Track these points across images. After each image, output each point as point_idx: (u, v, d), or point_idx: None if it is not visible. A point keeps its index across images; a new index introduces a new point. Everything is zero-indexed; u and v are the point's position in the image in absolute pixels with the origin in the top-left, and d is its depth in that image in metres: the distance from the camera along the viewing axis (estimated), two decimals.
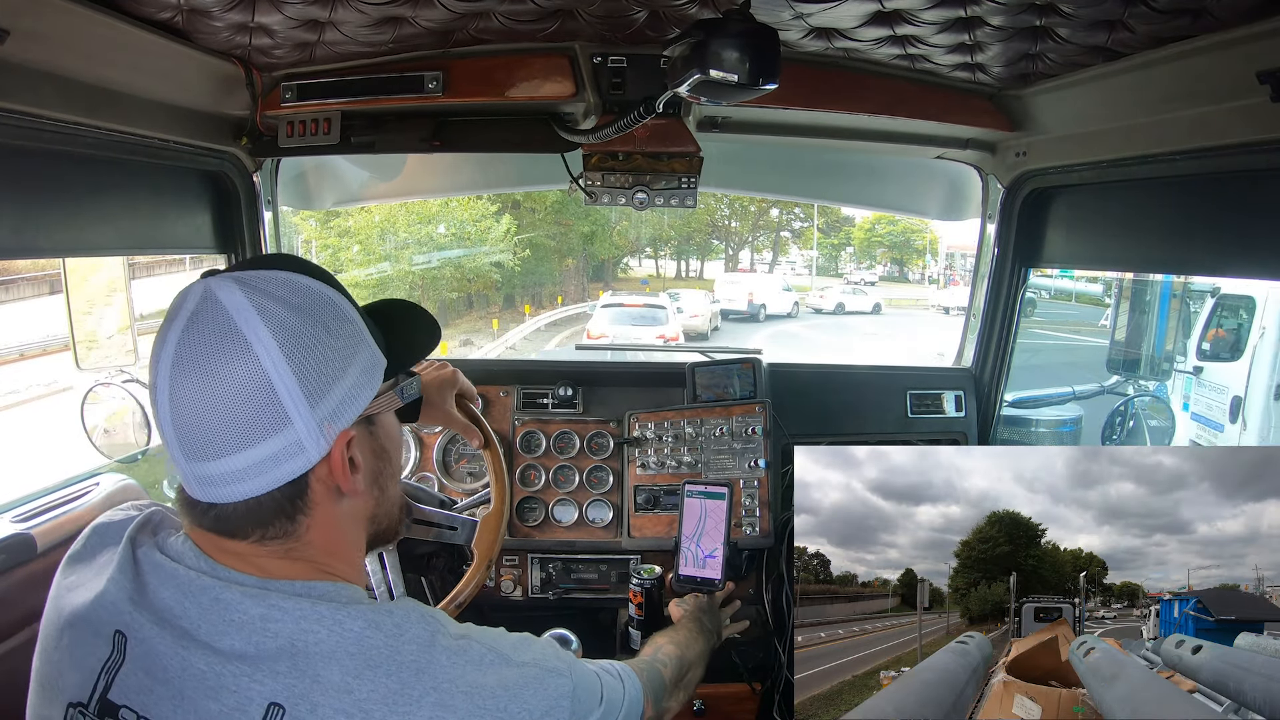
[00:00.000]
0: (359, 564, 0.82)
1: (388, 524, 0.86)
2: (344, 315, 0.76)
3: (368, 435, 0.78)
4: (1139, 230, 1.63)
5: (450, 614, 1.40)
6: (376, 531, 0.84)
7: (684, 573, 1.72)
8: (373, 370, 0.77)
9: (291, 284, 0.74)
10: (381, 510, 0.83)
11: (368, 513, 0.81)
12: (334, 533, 0.77)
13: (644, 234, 20.05)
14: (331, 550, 0.77)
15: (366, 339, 0.78)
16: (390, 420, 0.83)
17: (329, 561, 0.76)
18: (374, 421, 0.79)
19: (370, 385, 0.77)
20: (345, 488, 0.75)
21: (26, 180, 1.28)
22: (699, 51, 1.07)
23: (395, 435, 0.85)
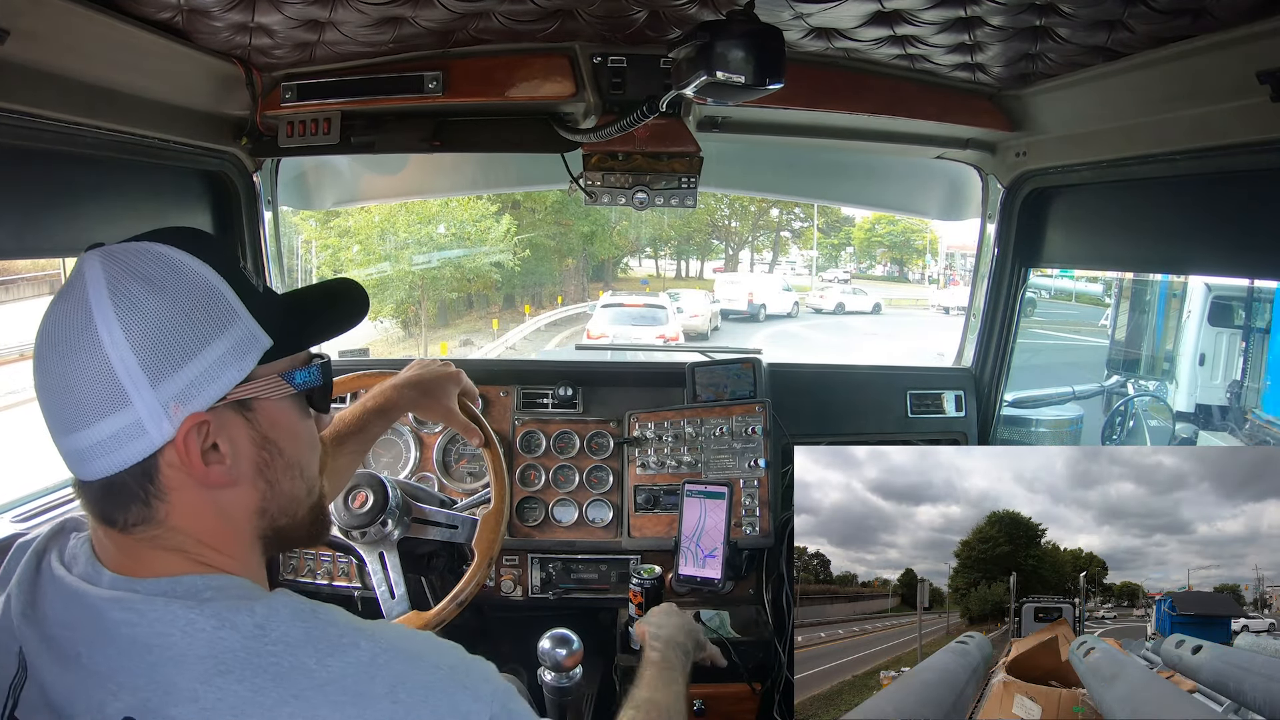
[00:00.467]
0: (249, 558, 0.75)
1: (288, 523, 0.78)
2: (210, 293, 0.71)
3: (243, 421, 0.72)
4: (1139, 230, 1.63)
5: (452, 612, 1.41)
6: (275, 529, 0.77)
7: (684, 572, 1.72)
8: (244, 350, 0.71)
9: (158, 258, 0.70)
10: (273, 505, 0.76)
11: (253, 506, 0.75)
12: (205, 522, 0.71)
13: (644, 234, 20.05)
14: (206, 541, 0.71)
15: (240, 317, 0.72)
16: (280, 408, 0.75)
17: (203, 552, 0.71)
18: (251, 407, 0.73)
19: (238, 365, 0.71)
20: (197, 476, 0.69)
21: (26, 180, 1.28)
22: (705, 53, 1.07)
23: (289, 424, 0.76)
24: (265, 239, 1.92)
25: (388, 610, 1.44)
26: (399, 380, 1.39)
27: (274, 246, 1.97)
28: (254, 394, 0.73)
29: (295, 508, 0.78)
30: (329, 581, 1.84)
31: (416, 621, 1.41)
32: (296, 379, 0.77)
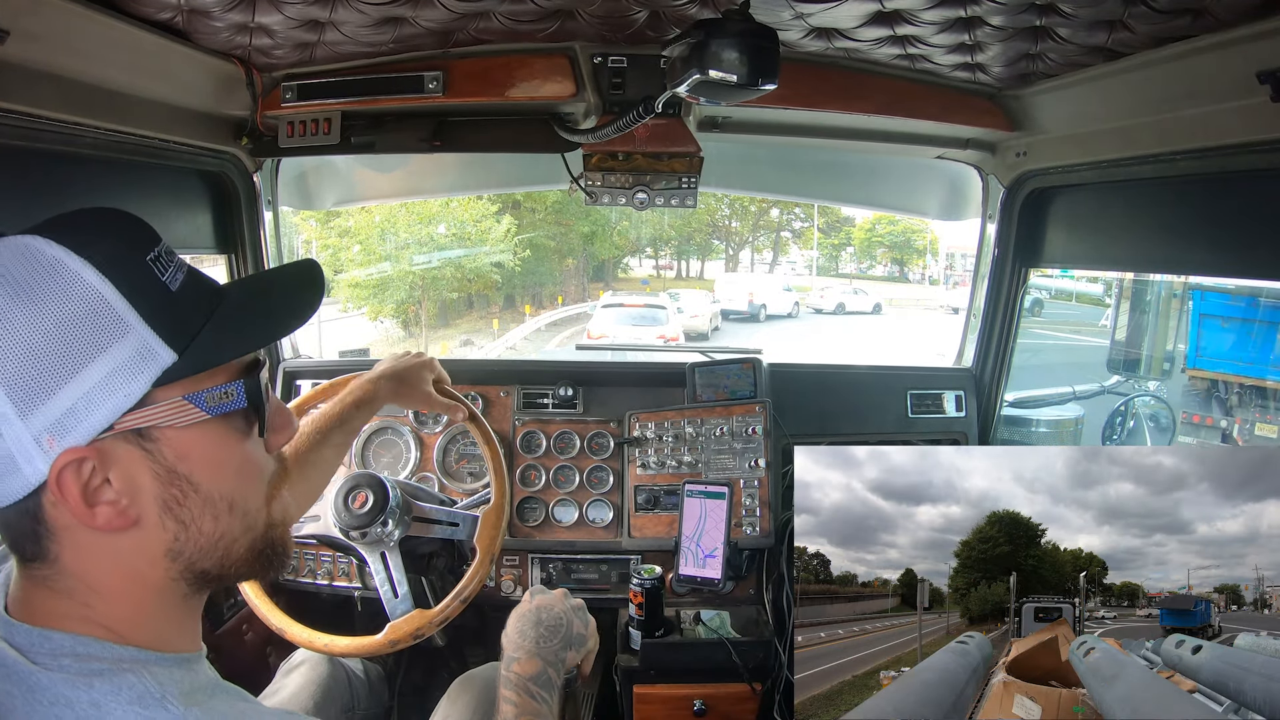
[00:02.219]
0: (156, 610, 0.65)
1: (214, 566, 0.67)
2: (89, 299, 0.59)
3: (141, 455, 0.61)
4: (1139, 230, 1.63)
5: (456, 609, 1.41)
6: (198, 573, 0.66)
7: (684, 573, 1.72)
8: (135, 370, 0.60)
9: (30, 258, 0.58)
10: (189, 548, 0.64)
11: (160, 549, 0.63)
12: (99, 571, 0.62)
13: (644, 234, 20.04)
14: (96, 588, 0.62)
15: (133, 329, 0.60)
16: (194, 436, 0.63)
17: (92, 602, 0.62)
18: (151, 437, 0.61)
19: (126, 390, 0.59)
20: (80, 519, 0.59)
21: (26, 180, 1.28)
22: (698, 52, 1.07)
23: (207, 454, 0.64)
24: (265, 239, 1.92)
25: (391, 609, 1.44)
26: (374, 374, 1.42)
27: (274, 247, 1.97)
28: (151, 421, 0.61)
29: (224, 548, 0.67)
30: (329, 582, 1.84)
31: (421, 620, 1.41)
32: (206, 402, 0.63)
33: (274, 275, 0.77)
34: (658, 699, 1.66)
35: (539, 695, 1.03)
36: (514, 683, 1.03)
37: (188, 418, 0.63)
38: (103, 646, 0.61)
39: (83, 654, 0.60)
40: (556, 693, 1.06)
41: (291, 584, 1.86)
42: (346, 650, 1.42)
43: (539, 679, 1.04)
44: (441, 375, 1.52)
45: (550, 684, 1.05)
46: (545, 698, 1.03)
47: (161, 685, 0.60)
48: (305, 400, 1.56)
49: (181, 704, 0.60)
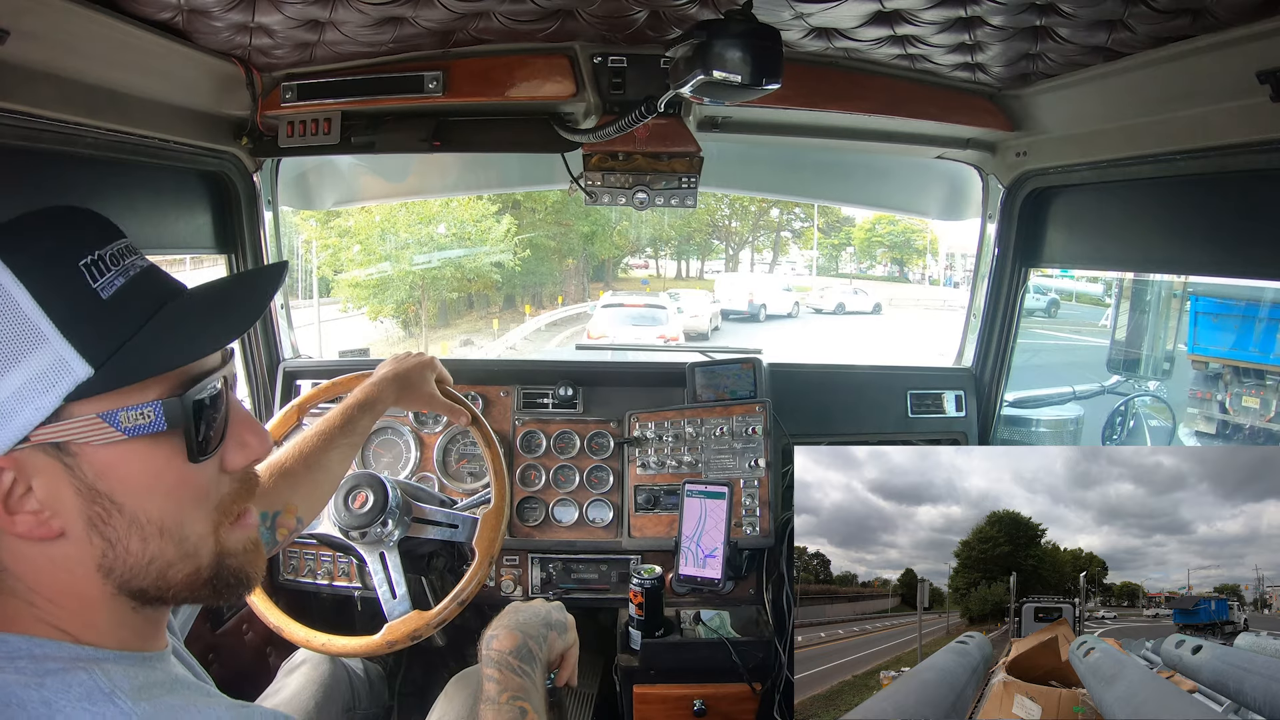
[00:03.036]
0: (103, 616, 0.63)
1: (149, 585, 0.64)
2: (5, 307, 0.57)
3: (61, 468, 0.59)
4: (1139, 230, 1.63)
5: (453, 611, 1.41)
6: (132, 590, 0.63)
7: (684, 572, 1.72)
8: (49, 383, 0.57)
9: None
10: (120, 566, 0.62)
11: (91, 563, 0.62)
12: (36, 574, 0.61)
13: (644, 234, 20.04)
14: (39, 591, 0.62)
15: (49, 340, 0.57)
16: (115, 455, 0.60)
17: (38, 603, 0.62)
18: (69, 451, 0.59)
19: (38, 402, 0.57)
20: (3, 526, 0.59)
21: (26, 180, 1.28)
22: (702, 52, 1.07)
23: (132, 476, 0.61)
24: (265, 239, 1.92)
25: (389, 610, 1.44)
26: (377, 377, 1.42)
27: (274, 247, 1.97)
28: (66, 437, 0.59)
29: (157, 571, 0.64)
30: (329, 582, 1.84)
31: (419, 621, 1.41)
32: (122, 421, 0.60)
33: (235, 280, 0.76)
34: (658, 699, 1.66)
35: (519, 669, 1.00)
36: (494, 659, 1.00)
37: (102, 436, 0.60)
38: (59, 647, 0.61)
39: (39, 655, 0.59)
40: (539, 667, 1.02)
41: (291, 584, 1.86)
42: (344, 650, 1.43)
43: (519, 651, 1.01)
44: (444, 375, 1.52)
45: (531, 657, 1.01)
46: (527, 670, 1.00)
47: (111, 680, 0.59)
48: (306, 400, 1.56)
49: (130, 699, 0.59)
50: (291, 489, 1.22)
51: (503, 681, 0.98)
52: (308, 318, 10.76)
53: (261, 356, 1.99)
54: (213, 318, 0.66)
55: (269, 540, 1.18)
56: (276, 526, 1.19)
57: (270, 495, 1.19)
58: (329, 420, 1.31)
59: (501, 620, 1.06)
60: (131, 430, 0.60)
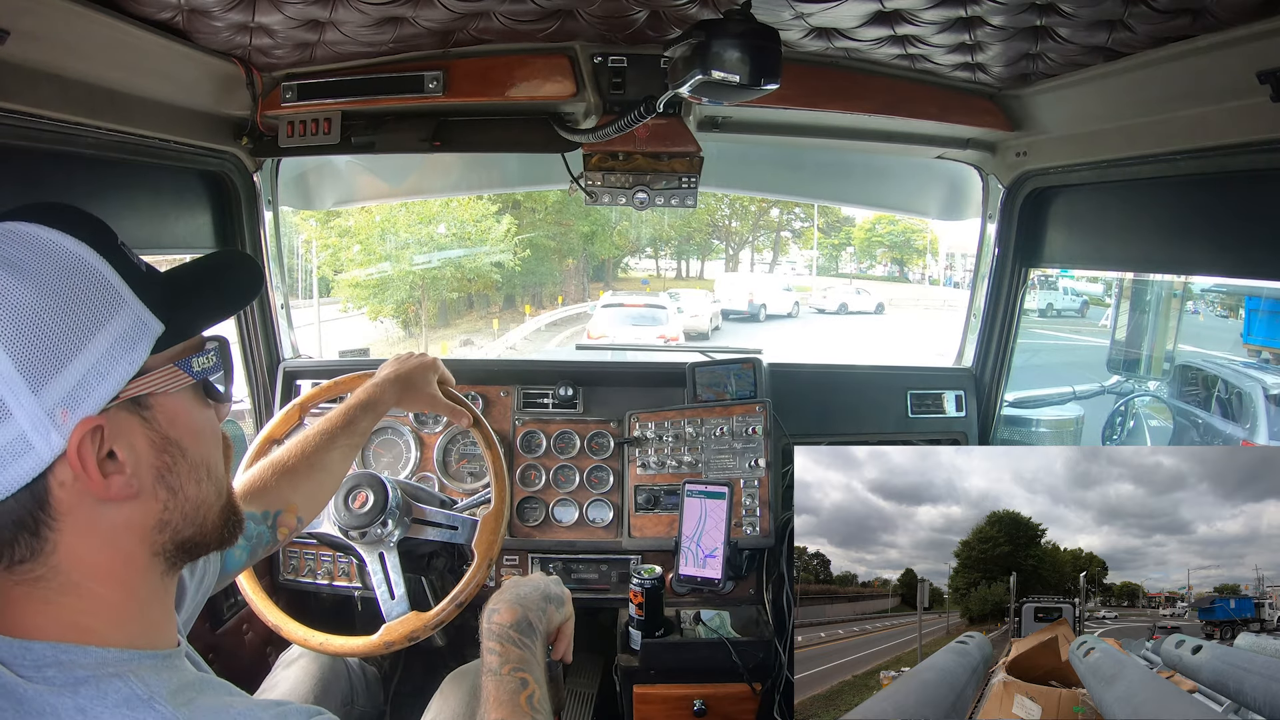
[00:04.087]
0: (135, 596, 0.66)
1: (194, 533, 0.69)
2: (86, 272, 0.62)
3: (139, 422, 0.64)
4: (1139, 230, 1.63)
5: (451, 613, 1.41)
6: (178, 543, 0.68)
7: (684, 572, 1.72)
8: (133, 340, 0.63)
9: (23, 240, 0.61)
10: (176, 515, 0.67)
11: (152, 520, 0.66)
12: (94, 554, 0.63)
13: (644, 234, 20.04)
14: (89, 575, 0.63)
15: (126, 301, 0.63)
16: (179, 402, 0.67)
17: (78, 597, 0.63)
18: (147, 405, 0.64)
19: (129, 358, 0.62)
20: (96, 490, 0.61)
21: (26, 180, 1.28)
22: (700, 52, 1.07)
23: (191, 421, 0.68)
24: (265, 239, 1.92)
25: (387, 611, 1.44)
26: (379, 378, 1.41)
27: (274, 246, 1.97)
28: (149, 389, 0.64)
29: (204, 514, 0.70)
30: (329, 582, 1.84)
31: (417, 622, 1.41)
32: (194, 366, 0.68)
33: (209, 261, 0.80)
34: (658, 699, 1.66)
35: (520, 641, 0.99)
36: (495, 633, 0.99)
37: (178, 383, 0.67)
38: (84, 652, 0.61)
39: (66, 661, 0.60)
40: (539, 640, 1.02)
41: (291, 583, 1.86)
42: (342, 650, 1.43)
43: (519, 625, 1.01)
44: (445, 376, 1.51)
45: (532, 630, 1.01)
46: (528, 644, 1.00)
47: (148, 686, 0.60)
48: (306, 399, 1.56)
49: (170, 704, 0.60)
50: (293, 488, 1.22)
51: (504, 654, 0.98)
52: (308, 318, 10.77)
53: (261, 356, 1.99)
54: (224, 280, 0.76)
55: (270, 539, 1.18)
56: (277, 525, 1.19)
57: (271, 494, 1.19)
58: (330, 420, 1.31)
59: (502, 595, 1.06)
60: (199, 373, 0.68)
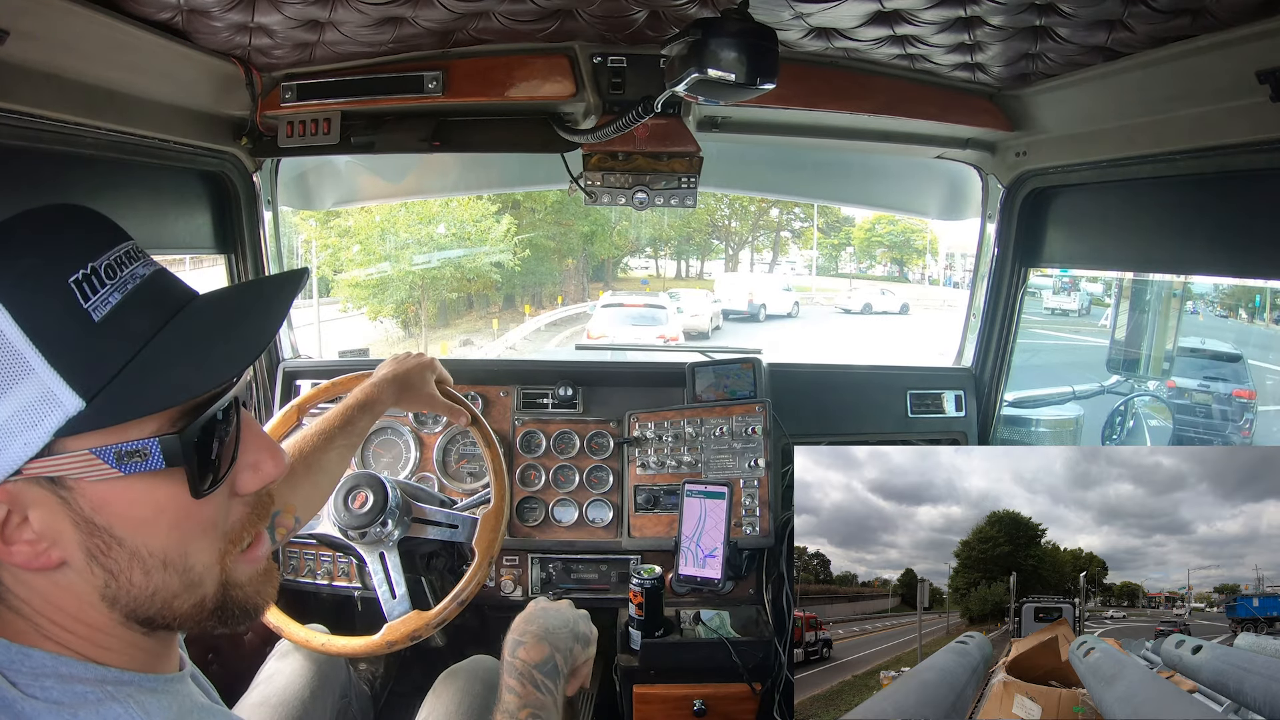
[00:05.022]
0: (114, 640, 0.61)
1: (154, 614, 0.61)
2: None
3: (56, 500, 0.56)
4: (1139, 230, 1.63)
5: (453, 612, 1.41)
6: (139, 619, 0.61)
7: (684, 572, 1.72)
8: (37, 415, 0.53)
9: None
10: (126, 598, 0.59)
11: (94, 593, 0.59)
12: (40, 599, 0.59)
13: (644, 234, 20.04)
14: (46, 615, 0.59)
15: (34, 369, 0.53)
16: (113, 490, 0.56)
17: (45, 625, 0.59)
18: (65, 485, 0.55)
19: (26, 437, 0.53)
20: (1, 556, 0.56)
21: (26, 180, 1.28)
22: (697, 50, 1.07)
23: (127, 509, 0.57)
24: (265, 239, 1.92)
25: (389, 610, 1.44)
26: (376, 378, 1.41)
27: (274, 247, 1.97)
28: (59, 472, 0.55)
29: (162, 602, 0.61)
30: (329, 582, 1.84)
31: (418, 621, 1.41)
32: (114, 459, 0.55)
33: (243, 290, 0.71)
34: (658, 699, 1.66)
35: (544, 685, 0.95)
36: (518, 669, 0.96)
37: (97, 473, 0.55)
38: (84, 667, 0.59)
39: (65, 674, 0.58)
40: (562, 682, 1.00)
41: (291, 584, 1.86)
42: (343, 650, 1.43)
43: (544, 666, 0.97)
44: (444, 376, 1.51)
45: (556, 673, 0.98)
46: (550, 688, 0.96)
47: (149, 715, 0.58)
48: (305, 400, 1.56)
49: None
50: (290, 488, 1.22)
51: (524, 696, 0.95)
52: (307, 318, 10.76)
53: (261, 357, 1.99)
54: (217, 339, 0.60)
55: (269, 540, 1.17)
56: (275, 526, 1.19)
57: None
58: (328, 420, 1.31)
59: (530, 625, 1.03)
60: (128, 468, 0.56)
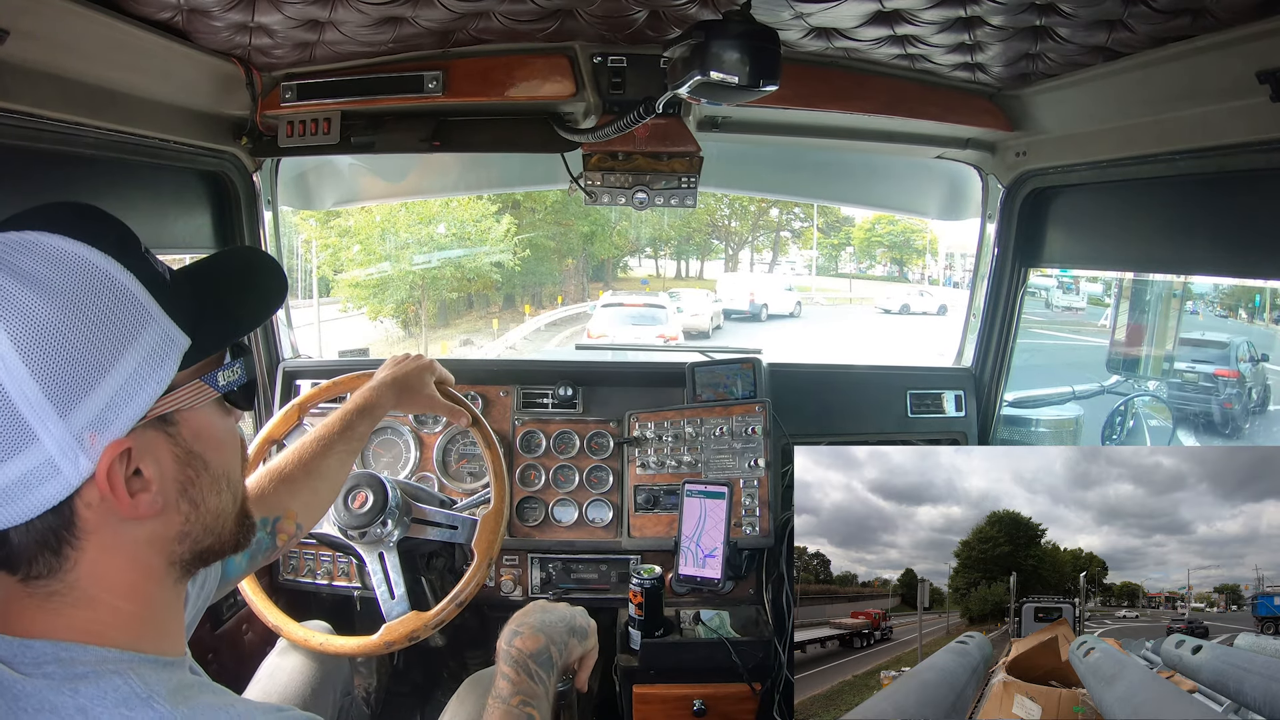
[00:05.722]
0: (150, 607, 0.65)
1: (212, 542, 0.69)
2: (112, 287, 0.60)
3: (165, 439, 0.63)
4: (1139, 230, 1.63)
5: (452, 612, 1.41)
6: (196, 552, 0.68)
7: (684, 572, 1.72)
8: (161, 356, 0.61)
9: (47, 254, 0.58)
10: (196, 527, 0.66)
11: (173, 533, 0.65)
12: (115, 569, 0.62)
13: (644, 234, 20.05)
14: (109, 590, 0.62)
15: (153, 316, 0.61)
16: (204, 416, 0.66)
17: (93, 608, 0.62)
18: (173, 420, 0.63)
19: (157, 376, 0.61)
20: (124, 511, 0.60)
21: (27, 180, 1.28)
22: (699, 53, 1.07)
23: (214, 433, 0.67)
24: (265, 239, 1.92)
25: (387, 610, 1.44)
26: (376, 381, 1.41)
27: (274, 246, 1.97)
28: (176, 405, 0.63)
29: (222, 524, 0.69)
30: (329, 582, 1.84)
31: (417, 622, 1.41)
32: (219, 380, 0.67)
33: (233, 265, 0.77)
34: (657, 699, 1.66)
35: (537, 674, 0.98)
36: (513, 657, 0.98)
37: (204, 398, 0.65)
38: (85, 650, 0.60)
39: (65, 659, 0.59)
40: (555, 675, 1.01)
41: (291, 584, 1.86)
42: (343, 650, 1.43)
43: (539, 656, 0.99)
44: (444, 376, 1.51)
45: (550, 664, 1.00)
46: (543, 678, 0.98)
47: (148, 685, 0.60)
48: (306, 400, 1.56)
49: (169, 703, 0.59)
50: (291, 495, 1.21)
51: (517, 683, 0.97)
52: (308, 318, 10.77)
53: (261, 356, 1.99)
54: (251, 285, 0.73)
55: (269, 546, 1.17)
56: (276, 532, 1.19)
57: (269, 501, 1.18)
58: (328, 426, 1.31)
59: (527, 619, 1.05)
60: (225, 387, 0.67)
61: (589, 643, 1.10)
